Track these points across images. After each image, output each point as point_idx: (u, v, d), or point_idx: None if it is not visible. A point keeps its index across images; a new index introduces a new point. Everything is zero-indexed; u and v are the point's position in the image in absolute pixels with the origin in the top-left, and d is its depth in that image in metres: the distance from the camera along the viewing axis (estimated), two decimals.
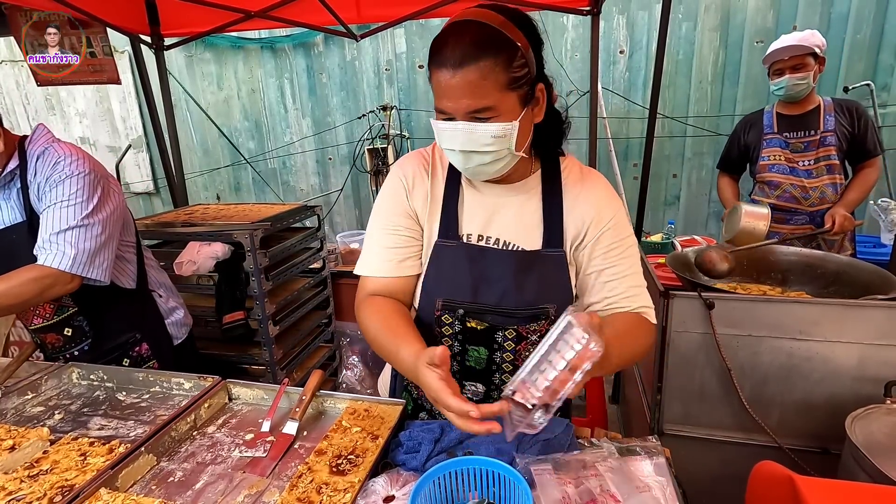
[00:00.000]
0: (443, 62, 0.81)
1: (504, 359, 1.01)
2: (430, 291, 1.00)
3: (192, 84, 4.68)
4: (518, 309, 0.96)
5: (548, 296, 0.96)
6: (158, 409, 1.19)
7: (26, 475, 0.91)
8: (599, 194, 0.98)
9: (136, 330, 1.55)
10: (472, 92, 0.81)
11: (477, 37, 0.80)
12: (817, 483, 0.89)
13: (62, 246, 1.29)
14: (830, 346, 1.48)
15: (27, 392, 1.24)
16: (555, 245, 0.96)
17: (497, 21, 0.82)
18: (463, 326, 0.98)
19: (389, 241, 1.02)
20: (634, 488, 0.84)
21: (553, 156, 1.01)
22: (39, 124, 1.44)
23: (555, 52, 3.88)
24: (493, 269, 0.96)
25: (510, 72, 0.82)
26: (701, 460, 1.66)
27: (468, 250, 0.97)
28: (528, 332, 0.97)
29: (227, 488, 0.92)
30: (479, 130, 0.84)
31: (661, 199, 4.07)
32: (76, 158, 1.36)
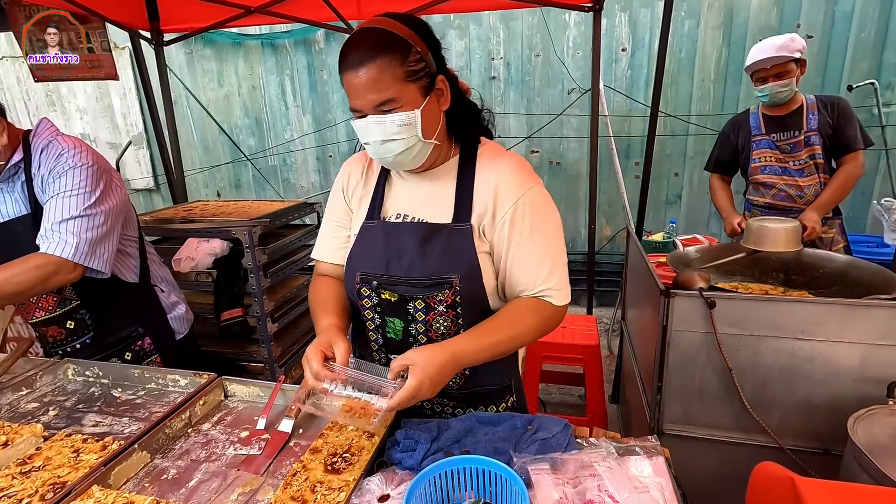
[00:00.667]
0: (347, 65, 0.92)
1: (418, 330, 1.06)
2: (351, 267, 1.10)
3: (192, 81, 4.68)
4: (423, 279, 1.01)
5: (451, 266, 1.01)
6: (154, 406, 1.18)
7: (18, 472, 0.90)
8: (510, 173, 1.03)
9: (138, 324, 1.55)
10: (374, 87, 0.91)
11: (374, 39, 0.91)
12: (818, 484, 0.88)
13: (64, 235, 1.29)
14: (832, 347, 1.46)
15: (22, 388, 1.24)
16: (462, 219, 1.02)
17: (392, 26, 0.93)
18: (379, 298, 1.06)
19: (332, 231, 1.19)
20: (633, 488, 0.83)
21: (472, 142, 1.09)
22: (43, 118, 1.45)
23: (556, 49, 3.86)
24: (403, 242, 1.04)
25: (406, 66, 0.92)
26: (701, 461, 1.65)
27: (384, 227, 1.07)
28: (435, 301, 1.02)
29: (221, 486, 0.91)
30: (387, 121, 0.94)
31: (662, 198, 4.05)
32: (79, 151, 1.36)
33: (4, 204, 1.40)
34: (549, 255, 1.03)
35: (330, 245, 1.19)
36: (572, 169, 4.17)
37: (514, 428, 1.02)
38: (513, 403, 1.19)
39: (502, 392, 1.16)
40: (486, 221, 1.02)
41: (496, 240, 1.03)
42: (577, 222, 4.32)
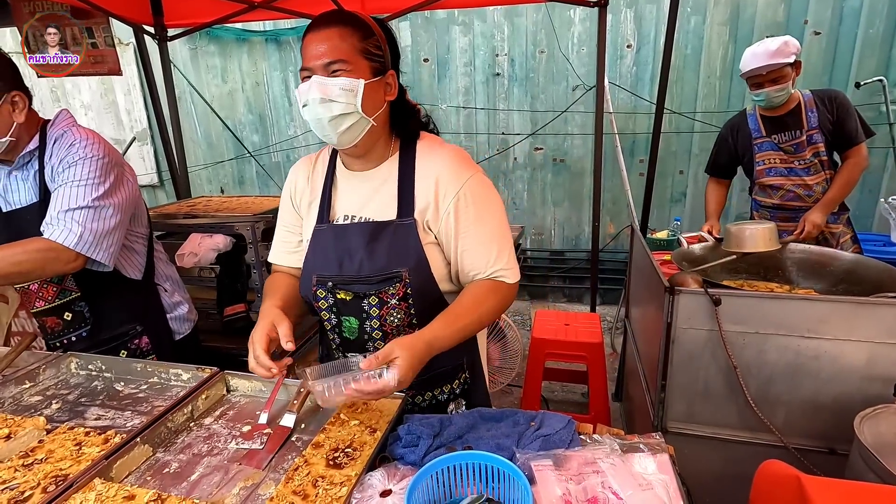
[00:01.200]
0: (309, 29, 0.99)
1: (372, 326, 1.10)
2: (307, 271, 1.13)
3: (196, 77, 4.68)
4: (373, 275, 1.05)
5: (399, 261, 1.05)
6: (156, 400, 1.18)
7: (21, 464, 0.90)
8: (448, 165, 1.07)
9: (137, 321, 1.54)
10: (329, 46, 0.97)
11: (342, 14, 1.00)
12: (824, 483, 0.87)
13: (69, 223, 1.29)
14: (839, 345, 1.45)
15: (25, 381, 1.24)
16: (406, 214, 1.06)
17: (360, 14, 1.02)
18: (335, 298, 1.10)
19: (283, 237, 1.24)
20: (637, 485, 0.82)
21: (411, 136, 1.12)
22: (62, 109, 1.46)
23: (561, 46, 3.84)
24: (352, 243, 1.07)
25: (364, 43, 0.99)
26: (705, 459, 1.64)
27: (334, 230, 1.10)
28: (387, 296, 1.06)
29: (223, 480, 0.91)
30: (329, 83, 0.97)
31: (667, 196, 4.03)
32: (92, 142, 1.37)
33: (18, 192, 1.41)
34: (496, 238, 1.08)
35: (282, 249, 1.25)
36: (576, 166, 4.15)
37: (517, 424, 1.01)
38: (465, 380, 1.23)
39: (455, 371, 1.21)
40: (429, 215, 1.06)
41: (443, 230, 1.07)
42: (581, 220, 4.31)
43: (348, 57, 0.97)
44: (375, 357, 0.90)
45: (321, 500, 0.80)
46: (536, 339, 2.43)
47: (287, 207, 1.22)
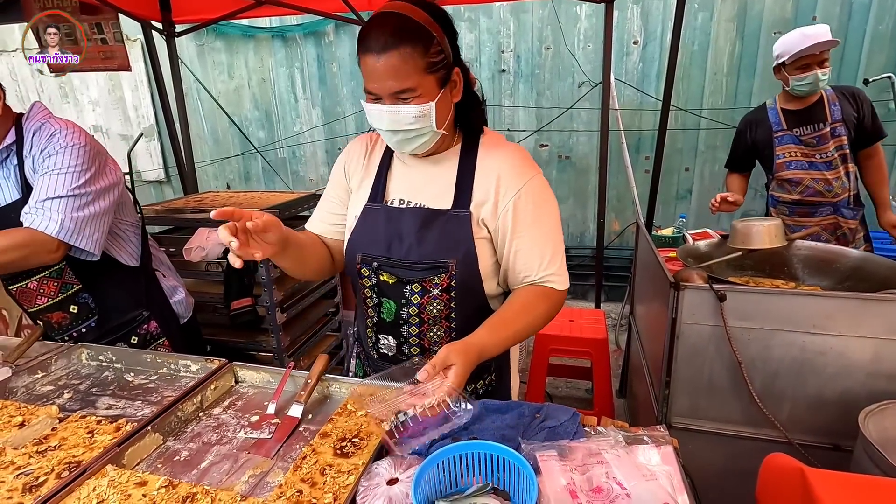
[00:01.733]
0: (368, 48, 0.92)
1: (410, 312, 1.10)
2: (352, 248, 1.13)
3: (203, 73, 4.70)
4: (420, 262, 1.05)
5: (448, 251, 1.04)
6: (165, 391, 1.19)
7: (35, 451, 0.92)
8: (512, 163, 1.06)
9: (142, 307, 1.55)
10: (394, 74, 0.92)
11: (397, 25, 0.91)
12: (828, 476, 0.88)
13: (49, 212, 1.28)
14: (845, 341, 1.44)
15: (37, 371, 1.26)
16: (462, 206, 1.05)
17: (415, 13, 0.93)
18: (378, 279, 1.10)
19: (328, 207, 1.23)
20: (641, 476, 0.83)
21: (474, 131, 1.11)
22: (36, 102, 1.42)
23: (567, 42, 3.83)
24: (404, 227, 1.07)
25: (427, 57, 0.93)
26: (709, 454, 1.64)
27: (387, 211, 1.09)
28: (431, 285, 1.06)
29: (232, 468, 0.92)
30: (402, 112, 0.95)
31: (672, 193, 4.02)
32: (72, 131, 1.35)
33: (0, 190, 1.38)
34: (550, 242, 1.08)
35: (323, 220, 1.24)
36: (581, 163, 4.15)
37: (522, 416, 1.02)
38: (490, 382, 1.22)
39: (480, 371, 1.17)
40: (486, 210, 1.05)
41: (500, 227, 1.06)
42: (586, 217, 4.30)
43: (416, 83, 0.93)
44: (432, 366, 0.89)
45: (329, 488, 0.81)
46: (541, 335, 2.44)
47: (338, 179, 1.21)
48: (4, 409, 1.05)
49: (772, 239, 1.92)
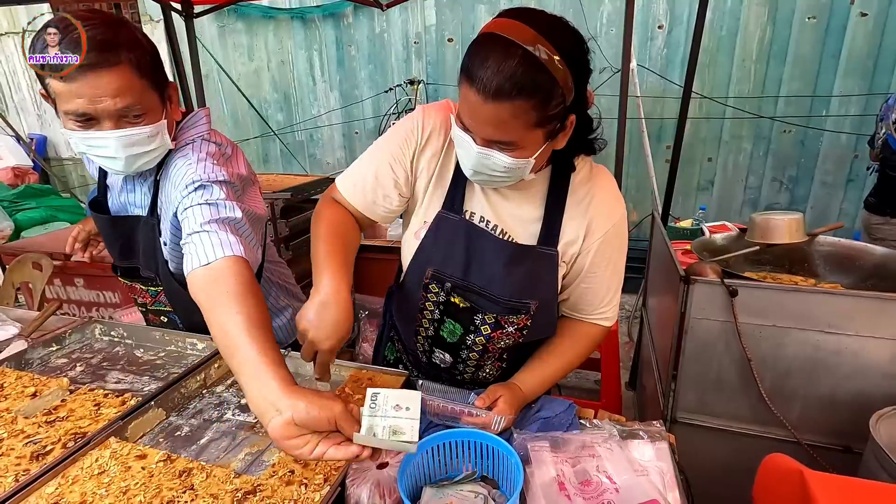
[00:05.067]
0: (476, 83, 0.75)
1: (476, 341, 1.04)
2: (422, 259, 1.00)
3: (223, 55, 4.73)
4: (502, 298, 0.97)
5: (532, 291, 0.97)
6: (172, 367, 1.23)
7: (44, 421, 0.96)
8: (604, 200, 0.97)
9: None
10: (498, 126, 0.78)
11: (519, 69, 0.73)
12: (827, 479, 0.85)
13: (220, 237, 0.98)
14: (861, 341, 1.40)
15: (52, 344, 1.30)
16: (550, 244, 0.96)
17: (546, 51, 0.73)
18: (447, 300, 1.00)
19: (374, 179, 0.99)
20: (632, 471, 0.82)
21: (569, 163, 0.96)
22: (198, 111, 1.23)
23: (589, 26, 3.73)
24: (487, 253, 0.96)
25: (542, 112, 0.77)
26: (714, 450, 1.62)
27: (468, 228, 0.97)
28: (507, 322, 0.99)
29: (230, 445, 0.94)
30: (494, 158, 0.82)
31: (693, 184, 3.92)
32: (208, 164, 1.07)
33: (134, 195, 1.21)
34: (616, 282, 1.03)
35: (364, 190, 1.00)
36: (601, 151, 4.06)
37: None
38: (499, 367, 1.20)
39: None
40: (572, 250, 0.98)
41: (577, 266, 1.00)
42: None
43: (520, 138, 0.79)
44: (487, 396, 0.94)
45: (320, 468, 0.83)
46: None
47: (401, 158, 0.97)
48: (19, 380, 1.09)
49: (792, 234, 1.86)
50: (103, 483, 0.80)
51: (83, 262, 1.42)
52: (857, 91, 3.33)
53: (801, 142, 3.57)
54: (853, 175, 3.51)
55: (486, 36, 0.77)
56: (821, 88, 3.41)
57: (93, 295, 2.74)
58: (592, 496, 0.77)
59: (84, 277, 2.70)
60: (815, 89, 3.43)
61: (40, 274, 2.23)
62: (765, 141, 3.65)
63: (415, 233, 1.02)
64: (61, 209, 4.85)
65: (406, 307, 1.10)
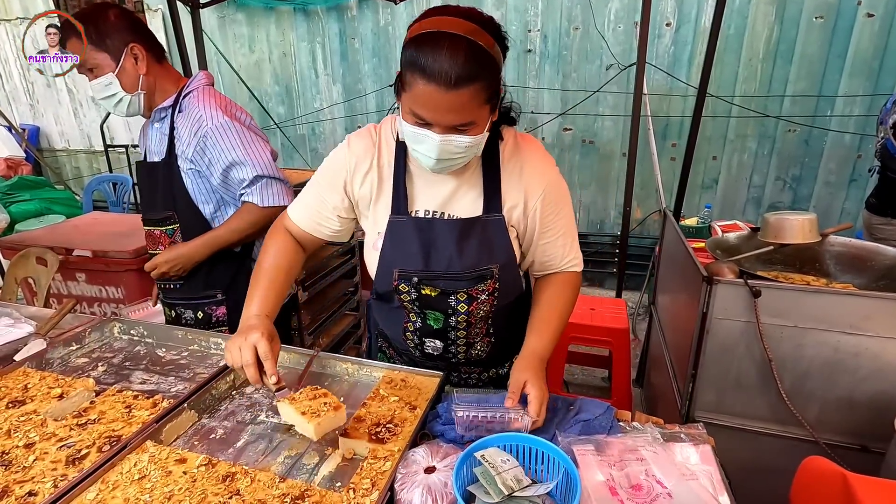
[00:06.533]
0: (433, 78, 0.82)
1: (459, 321, 1.11)
2: (386, 263, 1.07)
3: (224, 46, 4.65)
4: (464, 272, 1.04)
5: (490, 257, 1.05)
6: (197, 367, 1.21)
7: (75, 423, 0.94)
8: (534, 163, 1.06)
9: (219, 290, 1.54)
10: (460, 111, 0.86)
11: (469, 57, 0.82)
12: (872, 482, 0.86)
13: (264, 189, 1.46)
14: (882, 343, 1.41)
15: (72, 343, 1.28)
16: (494, 211, 1.04)
17: (484, 39, 0.84)
18: (419, 294, 1.07)
19: (315, 205, 1.12)
20: (681, 475, 0.82)
21: (495, 135, 1.05)
22: (200, 72, 1.54)
23: (597, 22, 3.71)
24: (439, 239, 1.04)
25: (489, 89, 0.87)
26: (732, 450, 1.60)
27: (417, 223, 1.05)
28: (478, 292, 1.07)
29: (268, 448, 0.93)
30: (455, 142, 0.90)
31: (697, 182, 3.93)
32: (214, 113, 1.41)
33: (155, 143, 1.49)
34: (570, 230, 1.12)
35: (308, 214, 1.13)
36: (606, 148, 4.06)
37: (555, 408, 1.02)
38: None
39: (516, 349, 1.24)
40: (517, 213, 1.06)
41: (529, 226, 1.08)
42: (607, 204, 4.23)
43: (475, 117, 0.88)
44: (513, 393, 0.94)
45: (366, 473, 0.82)
46: None
47: (335, 185, 1.08)
48: (43, 381, 1.06)
49: (805, 234, 1.86)
50: (146, 488, 0.78)
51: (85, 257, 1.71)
52: (861, 92, 3.35)
53: (805, 141, 3.59)
54: (856, 175, 3.54)
55: (427, 34, 0.84)
56: (826, 88, 3.43)
57: (95, 290, 2.69)
58: (645, 501, 0.77)
59: (86, 272, 2.65)
60: (820, 89, 3.44)
61: (45, 269, 2.19)
62: (770, 140, 3.66)
63: (373, 244, 1.10)
64: (56, 201, 4.76)
65: (387, 312, 1.19)
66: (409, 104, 0.88)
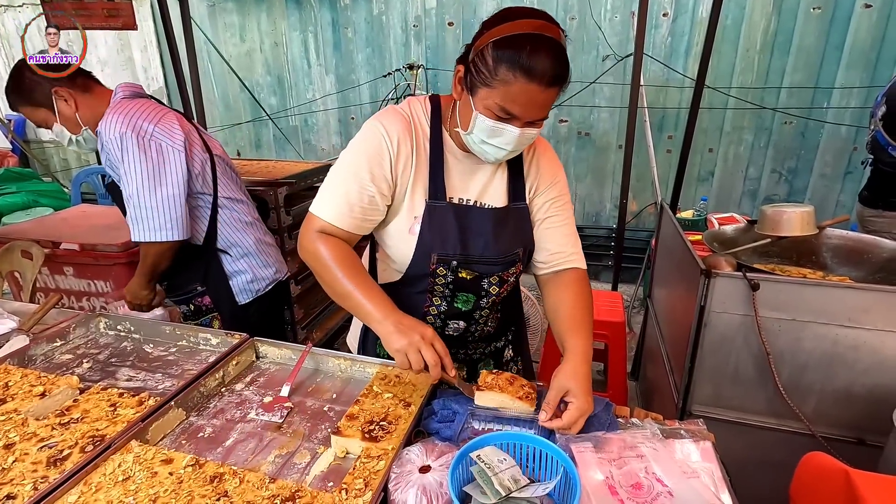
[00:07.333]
0: (535, 77, 0.88)
1: (488, 302, 1.16)
2: (423, 248, 1.08)
3: (214, 35, 4.57)
4: (499, 257, 1.10)
5: (518, 242, 1.13)
6: (186, 364, 1.17)
7: (57, 422, 0.90)
8: (546, 157, 1.17)
9: (199, 282, 1.65)
10: (546, 107, 0.94)
11: (563, 60, 0.91)
12: (874, 479, 0.84)
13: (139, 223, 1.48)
14: (881, 336, 1.40)
15: (56, 339, 1.24)
16: (519, 199, 1.13)
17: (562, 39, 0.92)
18: (455, 277, 1.10)
19: (359, 199, 1.03)
20: (682, 473, 0.80)
21: None
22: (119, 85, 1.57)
23: (593, 12, 3.67)
24: (476, 225, 1.09)
25: None
26: (729, 444, 1.59)
27: (455, 209, 1.08)
28: (508, 275, 1.14)
29: (258, 447, 0.90)
30: (528, 133, 0.96)
31: (693, 175, 3.92)
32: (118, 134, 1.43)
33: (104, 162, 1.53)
34: (573, 223, 1.20)
35: (348, 212, 1.03)
36: (602, 140, 4.03)
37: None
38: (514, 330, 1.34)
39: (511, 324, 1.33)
40: (536, 203, 1.16)
41: (541, 214, 1.16)
42: (603, 196, 4.21)
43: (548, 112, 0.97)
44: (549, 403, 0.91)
45: (359, 473, 0.79)
46: None
47: (379, 171, 1.02)
48: (25, 378, 1.03)
49: (803, 226, 1.85)
50: (130, 490, 0.75)
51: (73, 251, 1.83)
52: (858, 83, 3.34)
53: (801, 133, 3.58)
54: (851, 167, 3.54)
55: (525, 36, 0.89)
56: (823, 80, 3.41)
57: (83, 284, 2.64)
58: (646, 500, 0.75)
59: (74, 266, 2.59)
60: (817, 81, 3.42)
61: (30, 263, 2.14)
62: (766, 132, 3.65)
63: (409, 229, 1.08)
64: (43, 194, 4.68)
65: (406, 298, 1.14)
66: (498, 100, 0.91)
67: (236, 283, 1.67)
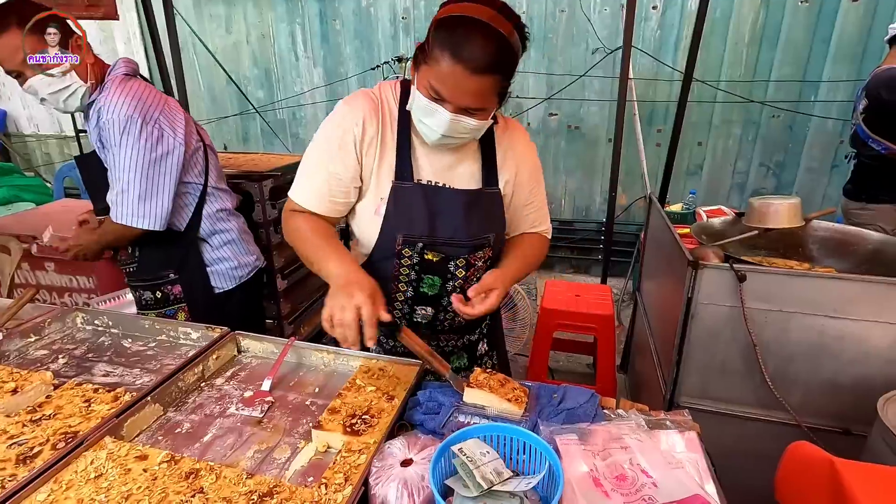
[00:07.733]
0: (462, 60, 0.87)
1: (454, 286, 1.15)
2: (389, 229, 1.08)
3: (199, 26, 4.48)
4: (467, 241, 1.10)
5: (488, 227, 1.14)
6: (165, 359, 1.15)
7: (28, 419, 0.88)
8: (522, 144, 1.19)
9: (172, 269, 1.59)
10: (476, 95, 0.93)
11: (498, 50, 0.89)
12: (859, 467, 0.84)
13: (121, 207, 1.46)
14: (866, 326, 1.41)
15: (30, 335, 1.21)
16: (492, 184, 1.14)
17: (511, 34, 0.91)
18: (421, 258, 1.10)
19: (327, 181, 1.07)
20: (666, 464, 0.79)
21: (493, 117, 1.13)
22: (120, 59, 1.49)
23: (583, 5, 3.65)
24: (446, 206, 1.08)
25: (505, 82, 0.96)
26: (716, 435, 1.59)
27: (424, 190, 1.07)
28: (475, 259, 1.14)
29: (237, 442, 0.88)
30: (462, 123, 0.96)
31: (682, 168, 3.93)
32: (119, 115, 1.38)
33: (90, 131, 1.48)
34: (545, 202, 1.27)
35: (322, 196, 1.08)
36: (591, 134, 4.03)
37: (538, 396, 0.98)
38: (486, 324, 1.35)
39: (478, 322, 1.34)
40: (508, 187, 1.18)
41: (517, 196, 1.20)
42: (593, 190, 4.21)
43: (487, 103, 0.96)
44: (479, 287, 1.04)
45: (339, 467, 0.77)
46: (546, 310, 2.40)
47: (347, 157, 1.05)
48: None
49: (790, 218, 1.86)
50: (102, 488, 0.73)
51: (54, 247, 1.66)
52: (845, 77, 3.36)
53: (789, 127, 3.60)
54: (837, 161, 3.56)
55: (462, 18, 0.88)
56: (810, 74, 3.43)
57: (65, 280, 2.59)
58: (630, 491, 0.74)
59: (55, 262, 2.54)
60: (804, 74, 3.44)
61: (8, 258, 2.09)
62: (754, 126, 3.66)
63: (374, 210, 1.09)
64: (25, 189, 4.57)
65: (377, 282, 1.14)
66: (430, 78, 0.92)
67: (216, 271, 1.64)
